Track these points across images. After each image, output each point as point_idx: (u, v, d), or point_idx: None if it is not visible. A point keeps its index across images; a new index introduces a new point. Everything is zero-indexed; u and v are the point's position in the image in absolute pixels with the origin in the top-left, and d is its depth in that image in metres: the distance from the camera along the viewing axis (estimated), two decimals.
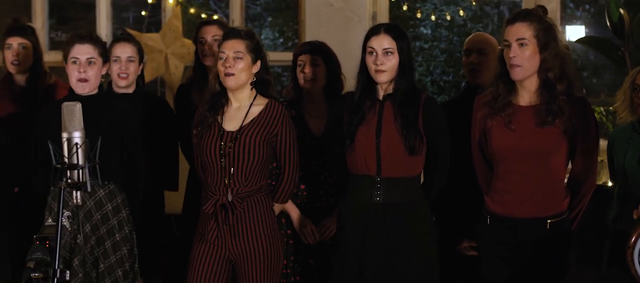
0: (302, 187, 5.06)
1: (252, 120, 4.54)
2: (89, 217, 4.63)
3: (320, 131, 5.09)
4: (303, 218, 5.01)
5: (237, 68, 4.49)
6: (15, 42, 5.62)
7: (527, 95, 4.33)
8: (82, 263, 4.61)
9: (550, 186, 4.31)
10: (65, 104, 2.91)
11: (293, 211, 5.01)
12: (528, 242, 4.29)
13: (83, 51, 4.72)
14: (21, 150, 4.93)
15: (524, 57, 4.24)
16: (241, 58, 4.50)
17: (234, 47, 4.52)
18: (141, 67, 5.48)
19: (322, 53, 5.14)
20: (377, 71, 4.42)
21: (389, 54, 4.42)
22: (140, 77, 5.56)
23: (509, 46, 4.27)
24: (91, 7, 7.88)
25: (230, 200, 4.48)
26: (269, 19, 13.78)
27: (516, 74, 4.27)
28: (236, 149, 4.49)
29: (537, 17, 4.29)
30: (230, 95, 4.60)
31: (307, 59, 5.11)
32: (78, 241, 4.60)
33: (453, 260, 5.11)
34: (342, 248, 4.55)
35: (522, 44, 4.24)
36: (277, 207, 4.73)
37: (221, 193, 4.50)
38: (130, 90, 5.41)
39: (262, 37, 13.32)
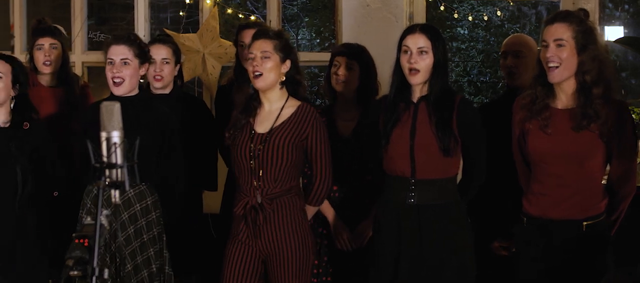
0: (335, 188, 5.06)
1: (282, 123, 4.55)
2: (116, 216, 4.65)
3: (349, 133, 5.09)
4: (339, 223, 5.01)
5: (264, 67, 4.51)
6: (46, 42, 5.65)
7: (564, 98, 4.30)
8: (101, 261, 4.63)
9: (587, 188, 4.28)
10: (105, 103, 2.93)
11: (329, 213, 5.02)
12: (563, 243, 4.27)
13: (118, 52, 4.76)
14: (59, 153, 4.95)
15: (561, 58, 4.20)
16: (269, 57, 4.52)
17: (262, 47, 4.54)
18: (177, 68, 5.50)
19: (358, 57, 5.13)
20: (410, 70, 4.41)
21: (424, 53, 4.41)
22: (179, 78, 5.58)
23: (547, 46, 4.25)
24: (129, 8, 7.93)
25: (259, 201, 4.50)
26: (306, 19, 13.81)
27: (553, 75, 4.24)
28: (265, 151, 4.50)
29: (577, 19, 4.25)
30: (262, 96, 4.62)
31: (342, 61, 5.11)
32: (117, 240, 4.63)
33: (487, 261, 5.09)
34: (377, 250, 4.55)
35: (559, 45, 4.21)
36: (311, 210, 4.74)
37: (251, 195, 4.52)
38: (167, 91, 5.43)
39: (299, 37, 13.35)
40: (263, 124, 4.58)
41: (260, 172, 4.50)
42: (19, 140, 4.68)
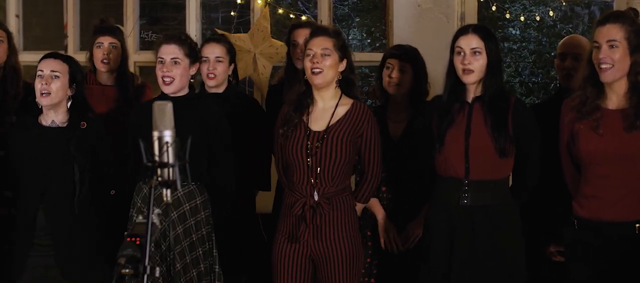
0: (384, 188, 5.05)
1: (338, 120, 4.55)
2: (166, 215, 4.68)
3: (398, 135, 5.08)
4: (388, 223, 5.00)
5: (324, 65, 4.51)
6: (106, 41, 5.69)
7: (615, 98, 4.26)
8: (161, 258, 4.67)
9: (639, 189, 4.23)
10: (157, 103, 2.95)
11: (379, 213, 5.01)
12: (615, 245, 4.22)
13: (168, 51, 4.79)
14: (114, 151, 4.99)
15: (614, 59, 4.16)
16: (329, 55, 4.52)
17: (322, 44, 4.54)
18: (232, 67, 5.51)
19: (411, 60, 5.12)
20: (464, 71, 4.39)
21: (477, 54, 4.39)
22: (234, 77, 5.59)
23: (599, 47, 4.21)
24: (181, 8, 7.96)
25: (317, 200, 4.49)
26: (357, 19, 13.79)
27: (606, 76, 4.20)
28: (323, 149, 4.50)
29: (629, 19, 4.21)
30: (315, 94, 4.62)
31: (395, 64, 5.10)
32: (168, 239, 4.65)
33: (541, 265, 5.05)
34: (429, 251, 4.53)
35: (612, 46, 4.17)
36: (358, 207, 4.73)
37: (308, 194, 4.52)
38: (221, 90, 5.44)
39: (350, 37, 13.34)
40: (318, 122, 4.58)
41: (318, 169, 4.50)
42: (76, 139, 4.73)
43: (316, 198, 4.50)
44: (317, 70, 4.51)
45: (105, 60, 5.67)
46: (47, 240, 4.72)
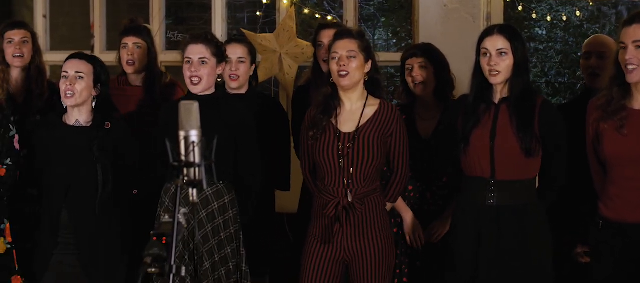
0: (410, 187, 5.05)
1: (367, 121, 4.55)
2: (194, 214, 4.69)
3: (428, 134, 5.07)
4: (415, 222, 5.00)
5: (350, 66, 4.51)
6: (130, 41, 5.70)
7: None
8: (180, 258, 4.68)
9: None
10: (183, 102, 2.95)
11: (406, 213, 5.01)
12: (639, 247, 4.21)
13: (196, 51, 4.79)
14: (140, 152, 5.01)
15: None
16: (354, 57, 4.51)
17: (347, 47, 4.53)
18: (253, 68, 5.51)
19: (429, 55, 5.11)
20: (491, 72, 4.37)
21: (503, 54, 4.37)
22: (254, 78, 5.59)
23: (625, 48, 4.19)
24: (207, 8, 7.98)
25: (350, 201, 4.49)
26: (383, 19, 13.77)
27: (632, 77, 4.19)
28: (355, 150, 4.50)
29: None
30: (342, 96, 4.62)
31: (415, 63, 5.10)
32: (195, 238, 4.66)
33: (567, 265, 5.03)
34: (455, 250, 4.52)
35: (639, 46, 4.15)
36: (387, 206, 4.73)
37: (341, 195, 4.52)
38: (243, 91, 5.44)
39: (375, 37, 13.33)
40: (347, 123, 4.58)
41: (351, 170, 4.50)
42: (100, 139, 4.75)
43: (350, 199, 4.50)
44: (344, 72, 4.51)
45: (130, 61, 5.69)
46: (71, 239, 4.75)
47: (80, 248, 4.74)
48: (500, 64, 4.36)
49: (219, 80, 4.94)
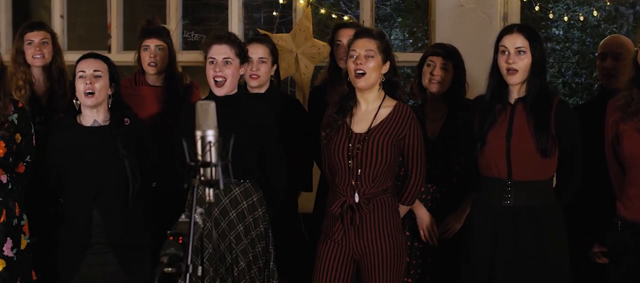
0: (422, 189, 5.05)
1: (380, 122, 4.54)
2: (224, 214, 4.71)
3: (435, 135, 5.07)
4: (430, 218, 4.99)
5: (368, 66, 4.50)
6: (152, 43, 5.71)
7: None
8: (210, 259, 4.69)
9: None
10: (200, 102, 2.96)
11: (420, 210, 5.00)
12: None
13: (220, 51, 4.79)
14: (161, 150, 5.02)
15: None
16: (372, 57, 4.51)
17: (365, 46, 4.53)
18: (274, 67, 5.51)
19: (454, 59, 5.11)
20: (508, 71, 4.36)
21: (522, 53, 4.36)
22: (276, 77, 5.59)
23: None
24: (223, 8, 8.00)
25: (357, 201, 4.49)
26: (399, 19, 13.76)
27: None
28: (364, 151, 4.50)
29: None
30: (358, 96, 4.61)
31: (438, 61, 5.09)
32: (213, 238, 4.67)
33: (584, 265, 5.02)
34: (472, 251, 4.51)
35: None
36: (403, 209, 4.73)
37: (348, 195, 4.52)
38: (263, 91, 5.45)
39: (392, 37, 13.32)
40: (360, 124, 4.58)
41: (359, 171, 4.50)
42: (122, 136, 4.76)
43: (356, 199, 4.50)
44: (360, 71, 4.50)
45: (152, 63, 5.70)
46: (102, 238, 4.75)
47: (114, 245, 4.75)
48: (518, 62, 4.35)
49: (240, 81, 4.95)
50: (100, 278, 4.75)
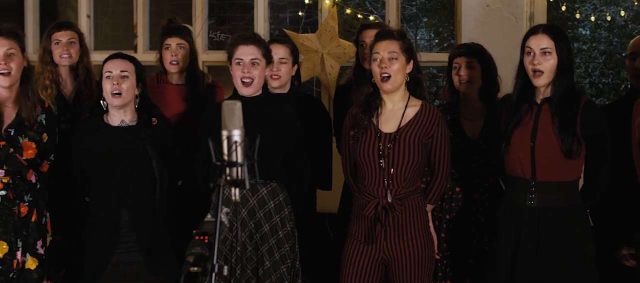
0: (458, 189, 5.03)
1: (409, 122, 4.53)
2: (252, 214, 4.71)
3: (476, 134, 5.06)
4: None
5: (392, 69, 4.49)
6: (173, 42, 5.73)
7: None
8: (238, 260, 4.70)
9: None
10: (226, 102, 2.96)
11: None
12: None
13: (247, 52, 4.79)
14: (183, 148, 5.04)
15: None
16: (396, 58, 4.50)
17: (388, 48, 4.52)
18: (295, 67, 5.52)
19: (478, 55, 5.10)
20: (534, 72, 4.35)
21: (547, 54, 4.34)
22: (296, 78, 5.60)
23: None
24: (249, 8, 8.00)
25: (390, 201, 4.48)
26: (425, 19, 13.74)
27: None
28: (395, 150, 4.49)
29: None
30: (384, 96, 4.60)
31: (462, 62, 5.09)
32: (239, 238, 4.68)
33: (613, 268, 4.99)
34: (497, 251, 4.50)
35: None
36: (428, 209, 4.72)
37: (380, 195, 4.51)
38: (285, 91, 5.46)
39: (418, 37, 13.30)
40: (388, 123, 4.57)
41: (391, 170, 4.49)
42: (150, 137, 4.78)
43: (389, 199, 4.49)
44: (386, 75, 4.49)
45: (173, 62, 5.71)
46: (130, 237, 4.77)
47: (141, 244, 4.77)
48: (544, 63, 4.33)
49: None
50: (127, 277, 4.77)
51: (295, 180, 4.88)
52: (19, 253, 4.77)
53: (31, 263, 4.82)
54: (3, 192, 4.76)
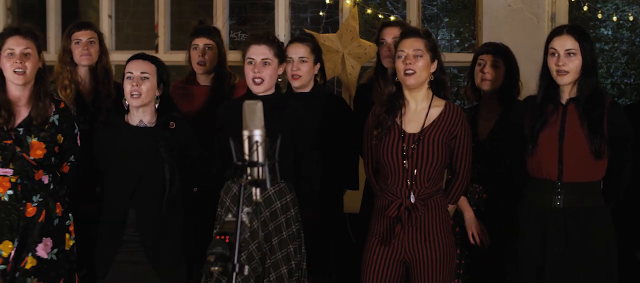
0: (476, 185, 5.03)
1: (432, 122, 4.52)
2: (257, 214, 4.71)
3: (485, 135, 5.05)
4: (476, 220, 4.98)
5: (417, 66, 4.48)
6: (201, 42, 5.76)
7: None
8: (249, 258, 4.70)
9: None
10: (247, 102, 2.96)
11: (467, 210, 4.99)
12: None
13: (258, 52, 4.80)
14: (204, 150, 5.04)
15: None
16: (421, 56, 4.49)
17: (414, 45, 4.51)
18: (317, 66, 5.50)
19: (504, 56, 5.10)
20: (559, 72, 4.34)
21: (572, 54, 4.33)
22: (321, 76, 5.58)
23: None
24: (270, 8, 8.01)
25: (413, 202, 4.47)
26: (446, 19, 13.70)
27: None
28: (419, 151, 4.48)
29: None
30: (407, 95, 4.59)
31: (488, 59, 5.08)
32: (259, 237, 4.69)
33: (631, 267, 4.98)
34: (521, 253, 4.49)
35: None
36: (450, 208, 4.71)
37: (404, 196, 4.50)
38: (307, 90, 5.45)
39: (439, 37, 13.26)
40: (412, 123, 4.56)
41: (415, 171, 4.48)
42: (166, 140, 4.79)
43: (412, 200, 4.48)
44: (410, 71, 4.48)
45: (201, 62, 5.74)
46: (137, 237, 4.79)
47: (146, 245, 4.78)
48: (569, 64, 4.32)
49: (279, 80, 4.95)
50: (132, 276, 4.78)
51: (306, 179, 4.87)
52: (13, 252, 4.78)
53: (29, 264, 4.82)
54: (10, 191, 4.78)
